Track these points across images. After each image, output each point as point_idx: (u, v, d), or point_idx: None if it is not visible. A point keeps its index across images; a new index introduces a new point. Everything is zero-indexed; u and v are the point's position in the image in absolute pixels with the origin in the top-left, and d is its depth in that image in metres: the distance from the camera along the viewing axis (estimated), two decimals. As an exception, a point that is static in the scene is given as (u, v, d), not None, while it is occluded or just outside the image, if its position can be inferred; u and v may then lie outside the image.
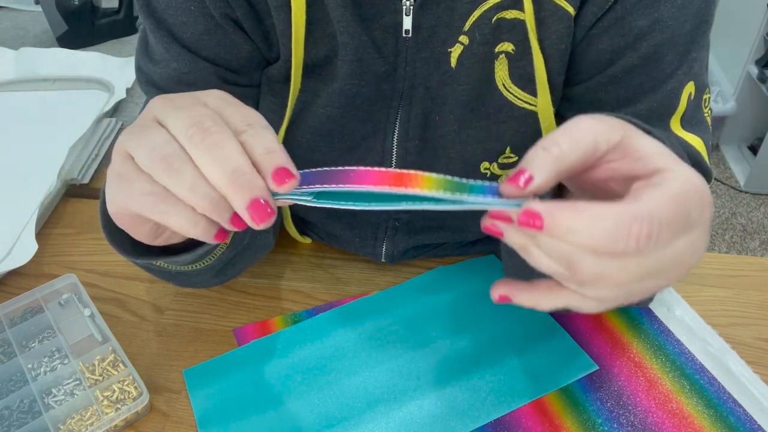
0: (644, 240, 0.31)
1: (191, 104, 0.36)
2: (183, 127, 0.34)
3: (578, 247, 0.32)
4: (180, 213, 0.35)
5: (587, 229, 0.31)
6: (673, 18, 0.50)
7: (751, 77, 2.19)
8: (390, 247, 0.67)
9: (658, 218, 0.31)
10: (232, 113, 0.36)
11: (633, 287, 0.34)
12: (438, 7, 0.52)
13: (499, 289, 0.38)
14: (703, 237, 0.34)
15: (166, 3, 0.54)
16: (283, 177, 0.34)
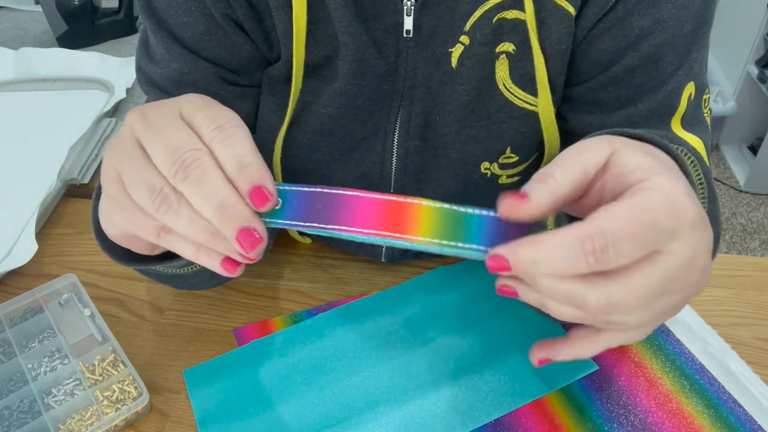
0: (600, 254, 0.32)
1: (170, 125, 0.37)
2: (166, 164, 0.36)
3: (547, 277, 0.33)
4: (185, 244, 0.38)
5: (547, 258, 0.33)
6: (673, 18, 0.50)
7: (751, 77, 2.19)
8: (390, 246, 0.67)
9: (610, 232, 0.32)
10: (202, 121, 0.37)
11: (654, 307, 0.34)
12: (439, 7, 0.52)
13: (537, 354, 0.39)
14: (700, 238, 0.34)
15: (167, 3, 0.54)
16: (260, 199, 0.36)
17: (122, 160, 0.37)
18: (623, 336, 0.37)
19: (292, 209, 0.37)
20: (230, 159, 0.36)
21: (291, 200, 0.37)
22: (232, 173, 0.36)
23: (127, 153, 0.37)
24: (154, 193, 0.36)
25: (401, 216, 0.35)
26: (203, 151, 0.36)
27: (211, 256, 0.38)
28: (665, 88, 0.53)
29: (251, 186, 0.35)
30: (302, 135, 0.60)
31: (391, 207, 0.35)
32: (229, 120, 0.37)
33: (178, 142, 0.36)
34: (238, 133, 0.36)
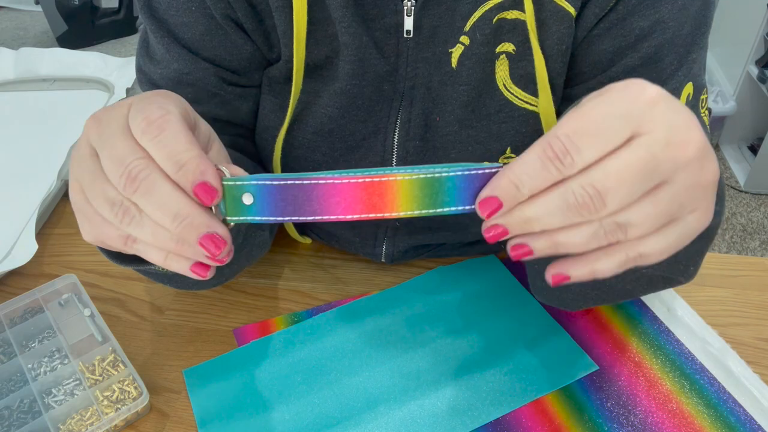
0: (563, 156, 0.32)
1: (115, 131, 0.36)
2: (115, 177, 0.35)
3: (535, 201, 0.34)
4: (154, 251, 0.37)
5: (522, 175, 0.33)
6: (673, 19, 0.50)
7: (751, 77, 2.19)
8: (390, 247, 0.67)
9: (565, 133, 0.32)
10: (132, 120, 0.36)
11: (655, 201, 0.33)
12: (439, 7, 0.52)
13: (552, 270, 0.37)
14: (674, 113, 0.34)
15: (167, 4, 0.54)
16: (206, 195, 0.35)
17: (81, 170, 0.37)
18: (640, 246, 0.35)
19: (266, 204, 0.35)
20: (167, 161, 0.35)
21: (263, 194, 0.35)
22: (173, 176, 0.35)
23: (85, 163, 0.37)
24: (114, 206, 0.36)
25: (378, 195, 0.35)
26: (146, 158, 0.35)
27: (180, 262, 0.37)
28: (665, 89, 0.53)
29: (193, 185, 0.35)
30: (302, 135, 0.60)
31: (367, 188, 0.35)
32: (158, 109, 0.36)
33: (121, 151, 0.35)
34: (168, 124, 0.35)
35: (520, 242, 0.36)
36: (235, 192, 0.36)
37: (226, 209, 0.36)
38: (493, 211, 0.34)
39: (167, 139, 0.35)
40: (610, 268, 0.36)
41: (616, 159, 0.32)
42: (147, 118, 0.35)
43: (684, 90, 0.54)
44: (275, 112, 0.60)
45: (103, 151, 0.36)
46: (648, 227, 0.34)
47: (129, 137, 0.36)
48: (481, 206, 0.35)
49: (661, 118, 0.33)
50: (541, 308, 0.63)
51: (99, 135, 0.37)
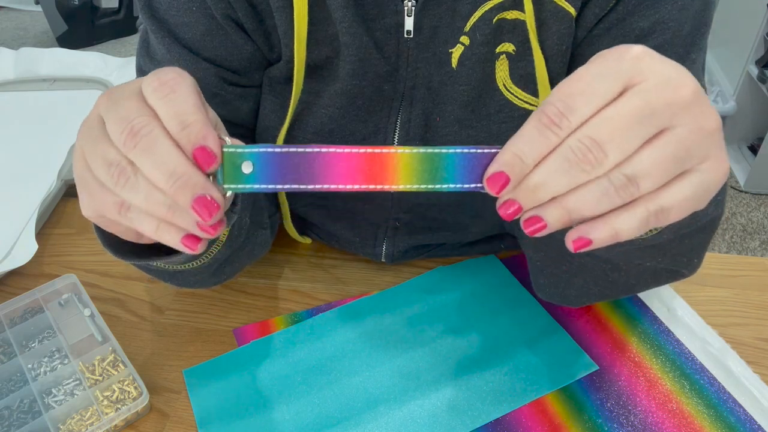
0: (558, 119, 0.32)
1: (126, 96, 0.36)
2: (116, 134, 0.35)
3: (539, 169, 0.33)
4: (146, 220, 0.36)
5: (523, 146, 0.33)
6: (673, 19, 0.50)
7: (751, 77, 2.19)
8: (390, 247, 0.67)
9: (558, 97, 0.32)
10: (145, 81, 0.36)
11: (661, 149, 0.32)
12: (439, 8, 0.52)
13: (572, 236, 0.36)
14: (661, 63, 0.33)
15: (168, 4, 0.54)
16: (205, 160, 0.34)
17: (85, 138, 0.37)
18: (658, 199, 0.34)
19: (266, 172, 0.35)
20: (172, 119, 0.34)
21: (263, 162, 0.35)
22: (175, 135, 0.34)
23: (90, 131, 0.37)
24: (111, 166, 0.35)
25: (379, 167, 0.35)
26: (151, 115, 0.35)
27: (171, 233, 0.37)
28: None
29: (194, 147, 0.34)
30: (303, 135, 0.60)
31: (367, 159, 0.35)
32: (171, 72, 0.36)
33: (127, 111, 0.35)
34: (179, 86, 0.35)
35: (532, 215, 0.35)
36: (235, 159, 0.35)
37: (224, 178, 0.36)
38: (501, 186, 0.34)
39: (176, 99, 0.35)
40: (631, 225, 0.34)
41: (609, 109, 0.32)
42: (160, 79, 0.35)
43: None
44: (276, 112, 0.60)
45: (110, 114, 0.36)
46: (659, 176, 0.33)
47: (138, 99, 0.36)
48: (489, 183, 0.34)
49: (650, 69, 0.33)
50: (541, 308, 0.63)
51: (108, 104, 0.36)
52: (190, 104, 0.35)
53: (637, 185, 0.33)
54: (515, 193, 0.34)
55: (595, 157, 0.32)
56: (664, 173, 0.33)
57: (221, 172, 0.35)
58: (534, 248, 0.58)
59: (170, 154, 0.34)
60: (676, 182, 0.34)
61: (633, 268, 0.51)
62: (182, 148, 0.34)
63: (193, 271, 0.54)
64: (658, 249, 0.48)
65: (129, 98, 0.36)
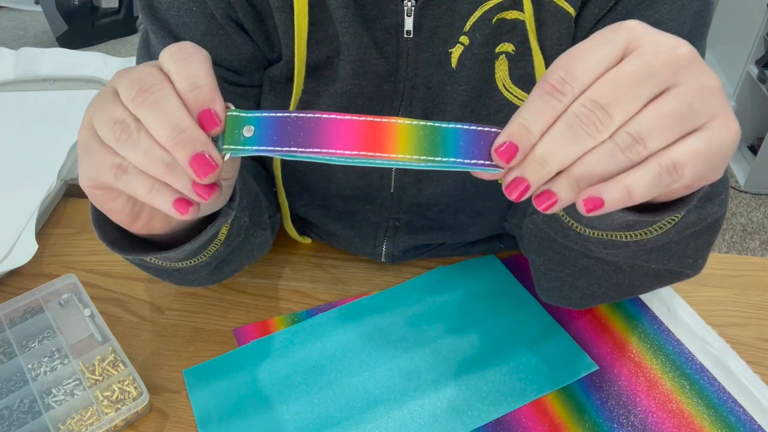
0: (561, 86, 0.32)
1: (142, 66, 0.37)
2: (127, 90, 0.36)
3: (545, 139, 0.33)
4: (141, 181, 0.37)
5: (528, 115, 0.33)
6: (672, 19, 0.50)
7: (751, 77, 2.19)
8: (390, 247, 0.67)
9: (560, 66, 0.33)
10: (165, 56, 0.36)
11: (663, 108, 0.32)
12: (439, 8, 0.52)
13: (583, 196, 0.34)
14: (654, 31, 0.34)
15: (168, 4, 0.54)
16: (208, 122, 0.35)
17: (95, 105, 0.38)
18: (670, 153, 0.33)
19: (266, 136, 0.36)
20: (184, 80, 0.35)
21: (264, 126, 0.36)
22: (184, 94, 0.35)
23: (101, 97, 0.38)
24: (116, 124, 0.36)
25: (379, 136, 0.35)
26: (163, 77, 0.36)
27: (164, 196, 0.37)
28: None
29: (201, 108, 0.35)
30: (302, 135, 0.60)
31: (368, 127, 0.35)
32: (189, 43, 0.37)
33: (140, 73, 0.36)
34: (196, 54, 0.36)
35: (543, 190, 0.34)
36: (238, 123, 0.36)
37: (224, 140, 0.36)
38: (510, 156, 0.34)
39: (191, 63, 0.35)
40: (645, 181, 0.33)
41: (610, 72, 0.32)
42: (179, 45, 0.36)
43: None
44: (275, 112, 0.60)
45: (123, 80, 0.36)
46: (665, 133, 0.32)
47: (153, 64, 0.36)
48: (498, 154, 0.34)
49: (645, 36, 0.33)
50: (541, 308, 0.63)
51: (125, 72, 0.37)
52: (202, 70, 0.36)
53: (643, 143, 0.32)
54: (522, 169, 0.34)
55: (600, 119, 0.32)
56: (670, 129, 0.32)
57: (222, 136, 0.36)
58: (536, 252, 0.58)
59: (176, 110, 0.35)
60: (687, 138, 0.33)
61: (637, 270, 0.51)
62: (189, 109, 0.35)
63: (191, 269, 0.54)
64: (663, 250, 0.48)
65: (145, 66, 0.37)
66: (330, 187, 0.63)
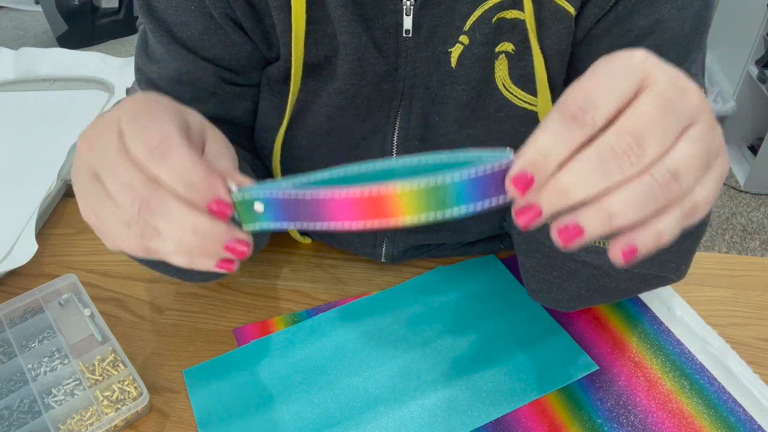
0: (582, 113, 0.31)
1: (114, 155, 0.36)
2: (127, 204, 0.35)
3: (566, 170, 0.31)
4: (178, 257, 0.37)
5: (547, 142, 0.31)
6: (673, 19, 0.50)
7: (751, 77, 2.19)
8: (390, 247, 0.67)
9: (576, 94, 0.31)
10: (133, 147, 0.36)
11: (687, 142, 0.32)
12: (438, 7, 0.52)
13: (617, 246, 0.33)
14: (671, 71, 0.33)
15: (166, 3, 0.54)
16: (221, 212, 0.36)
17: (88, 195, 0.38)
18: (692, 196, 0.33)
19: (275, 213, 0.36)
20: (177, 184, 0.35)
21: (271, 205, 0.36)
22: (185, 197, 0.35)
23: (90, 188, 0.37)
24: (131, 225, 0.36)
25: (382, 206, 0.34)
26: (154, 183, 0.35)
27: (206, 263, 0.37)
28: None
29: (207, 204, 0.35)
30: (301, 135, 0.60)
31: (368, 201, 0.34)
32: (156, 132, 0.35)
33: (127, 177, 0.35)
34: (171, 148, 0.35)
35: (568, 222, 0.32)
36: (246, 202, 0.37)
37: (240, 218, 0.37)
38: (525, 187, 0.32)
39: (173, 163, 0.35)
40: (672, 226, 0.32)
41: (637, 105, 0.31)
42: (148, 146, 0.35)
43: None
44: (274, 111, 0.60)
45: (108, 178, 0.36)
46: (695, 172, 0.32)
47: (131, 163, 0.36)
48: (515, 184, 0.32)
49: (658, 71, 0.32)
50: (541, 308, 0.63)
51: (97, 159, 0.37)
52: (187, 162, 0.35)
53: (678, 182, 0.31)
54: (540, 196, 0.32)
55: (636, 153, 0.30)
56: (698, 169, 0.32)
57: (236, 214, 0.37)
58: (525, 254, 0.58)
59: (188, 216, 0.35)
60: (702, 179, 0.33)
61: (622, 274, 0.52)
62: (197, 207, 0.35)
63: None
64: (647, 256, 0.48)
65: (121, 162, 0.35)
66: (330, 187, 0.63)
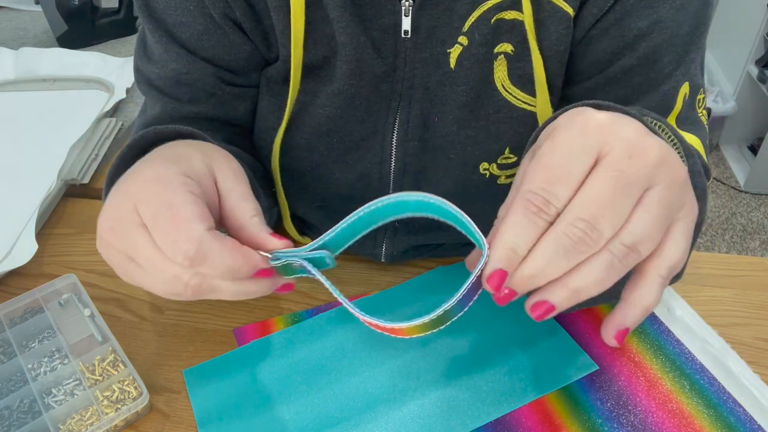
0: (545, 206, 0.34)
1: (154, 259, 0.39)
2: (178, 287, 0.39)
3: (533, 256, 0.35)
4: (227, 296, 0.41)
5: (514, 238, 0.35)
6: (671, 19, 0.50)
7: (751, 77, 2.19)
8: (390, 247, 0.67)
9: (537, 186, 0.34)
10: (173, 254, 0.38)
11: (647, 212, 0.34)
12: (437, 8, 0.52)
13: (610, 331, 0.39)
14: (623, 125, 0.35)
15: (165, 3, 0.54)
16: (265, 275, 0.41)
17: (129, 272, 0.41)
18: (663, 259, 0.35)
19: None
20: (223, 277, 0.38)
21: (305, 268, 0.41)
22: (234, 280, 0.39)
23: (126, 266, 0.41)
24: (180, 296, 0.40)
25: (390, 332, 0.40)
26: (199, 274, 0.38)
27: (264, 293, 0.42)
28: (662, 88, 0.53)
29: (253, 274, 0.39)
30: (300, 135, 0.60)
31: (378, 328, 0.40)
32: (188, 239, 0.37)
33: (171, 272, 0.38)
34: (207, 253, 0.37)
35: (538, 300, 0.36)
36: (284, 266, 0.41)
37: (281, 272, 0.42)
38: (501, 282, 0.36)
39: (215, 264, 0.38)
40: (655, 294, 0.36)
41: (589, 187, 0.33)
42: (187, 256, 0.37)
43: (680, 90, 0.54)
44: (273, 112, 0.60)
45: (150, 269, 0.39)
46: (655, 236, 0.34)
47: (170, 262, 0.38)
48: (490, 284, 0.36)
49: (614, 137, 0.34)
50: (540, 308, 0.63)
51: (129, 249, 0.39)
52: (227, 258, 0.38)
53: (638, 251, 0.34)
54: (511, 283, 0.36)
55: (591, 237, 0.33)
56: (658, 232, 0.34)
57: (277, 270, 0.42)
58: None
59: (238, 288, 0.40)
60: (669, 238, 0.35)
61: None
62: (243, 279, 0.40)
63: None
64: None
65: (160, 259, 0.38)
66: (329, 188, 0.63)
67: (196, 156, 0.42)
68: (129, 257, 0.40)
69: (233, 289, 0.40)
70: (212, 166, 0.42)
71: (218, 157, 0.43)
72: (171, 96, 0.58)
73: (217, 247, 0.37)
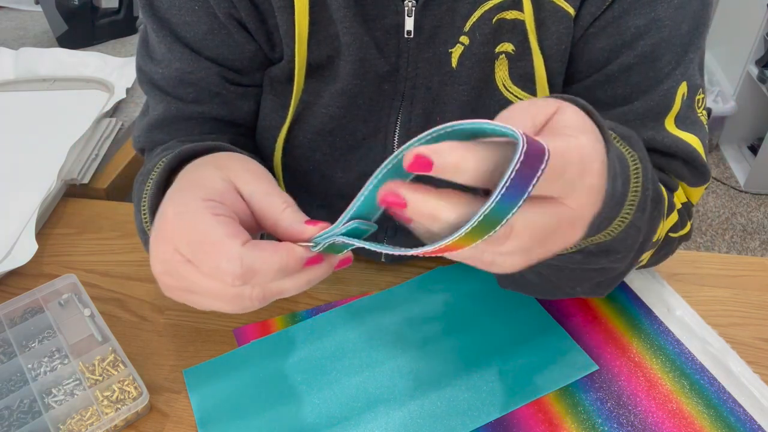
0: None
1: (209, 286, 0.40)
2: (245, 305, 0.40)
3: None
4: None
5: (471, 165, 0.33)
6: (670, 18, 0.50)
7: (751, 77, 2.19)
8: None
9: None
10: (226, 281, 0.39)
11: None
12: (439, 8, 0.52)
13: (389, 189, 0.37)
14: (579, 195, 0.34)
15: (170, 3, 0.54)
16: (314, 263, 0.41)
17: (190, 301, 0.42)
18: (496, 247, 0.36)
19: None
20: (278, 278, 0.39)
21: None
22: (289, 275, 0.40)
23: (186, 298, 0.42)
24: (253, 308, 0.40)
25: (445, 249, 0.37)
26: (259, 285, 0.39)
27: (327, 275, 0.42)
28: (661, 88, 0.53)
29: (305, 264, 0.40)
30: (303, 135, 0.60)
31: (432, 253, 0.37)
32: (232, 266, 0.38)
33: (232, 293, 0.39)
34: (256, 269, 0.38)
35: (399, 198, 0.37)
36: (328, 247, 0.41)
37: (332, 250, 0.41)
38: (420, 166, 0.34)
39: (267, 276, 0.38)
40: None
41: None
42: (239, 278, 0.38)
43: (678, 90, 0.54)
44: (276, 111, 0.60)
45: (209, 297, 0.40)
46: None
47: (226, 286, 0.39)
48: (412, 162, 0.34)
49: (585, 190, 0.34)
50: (541, 308, 0.63)
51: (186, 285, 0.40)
52: (275, 263, 0.38)
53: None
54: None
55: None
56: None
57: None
58: None
59: (293, 283, 0.40)
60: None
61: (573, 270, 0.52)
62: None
63: None
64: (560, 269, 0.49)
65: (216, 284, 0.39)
66: (330, 187, 0.63)
67: (212, 174, 0.42)
68: (191, 292, 0.41)
69: (294, 285, 0.40)
70: (229, 177, 0.42)
71: (233, 165, 0.43)
72: (174, 96, 0.58)
73: (258, 255, 0.38)
